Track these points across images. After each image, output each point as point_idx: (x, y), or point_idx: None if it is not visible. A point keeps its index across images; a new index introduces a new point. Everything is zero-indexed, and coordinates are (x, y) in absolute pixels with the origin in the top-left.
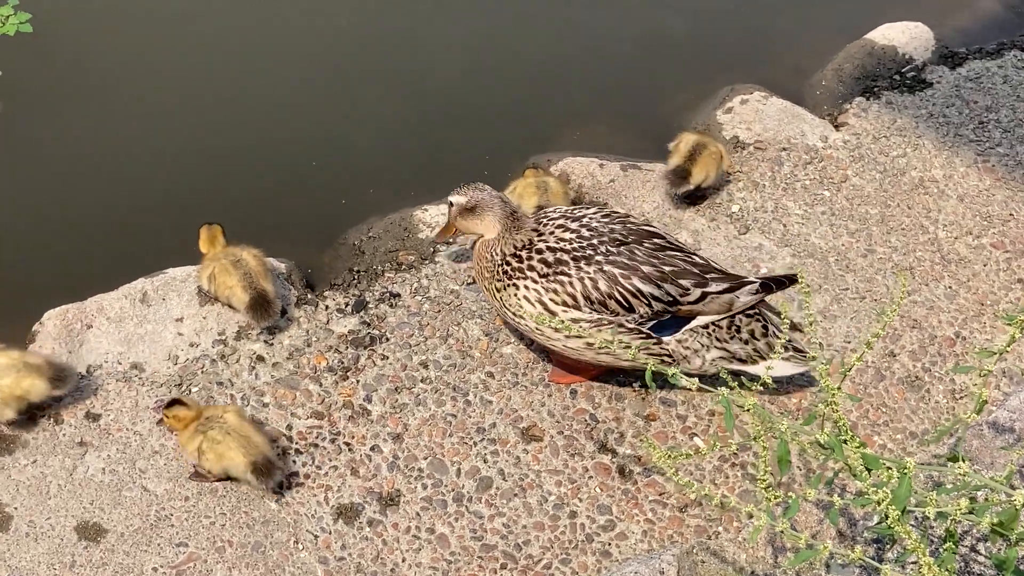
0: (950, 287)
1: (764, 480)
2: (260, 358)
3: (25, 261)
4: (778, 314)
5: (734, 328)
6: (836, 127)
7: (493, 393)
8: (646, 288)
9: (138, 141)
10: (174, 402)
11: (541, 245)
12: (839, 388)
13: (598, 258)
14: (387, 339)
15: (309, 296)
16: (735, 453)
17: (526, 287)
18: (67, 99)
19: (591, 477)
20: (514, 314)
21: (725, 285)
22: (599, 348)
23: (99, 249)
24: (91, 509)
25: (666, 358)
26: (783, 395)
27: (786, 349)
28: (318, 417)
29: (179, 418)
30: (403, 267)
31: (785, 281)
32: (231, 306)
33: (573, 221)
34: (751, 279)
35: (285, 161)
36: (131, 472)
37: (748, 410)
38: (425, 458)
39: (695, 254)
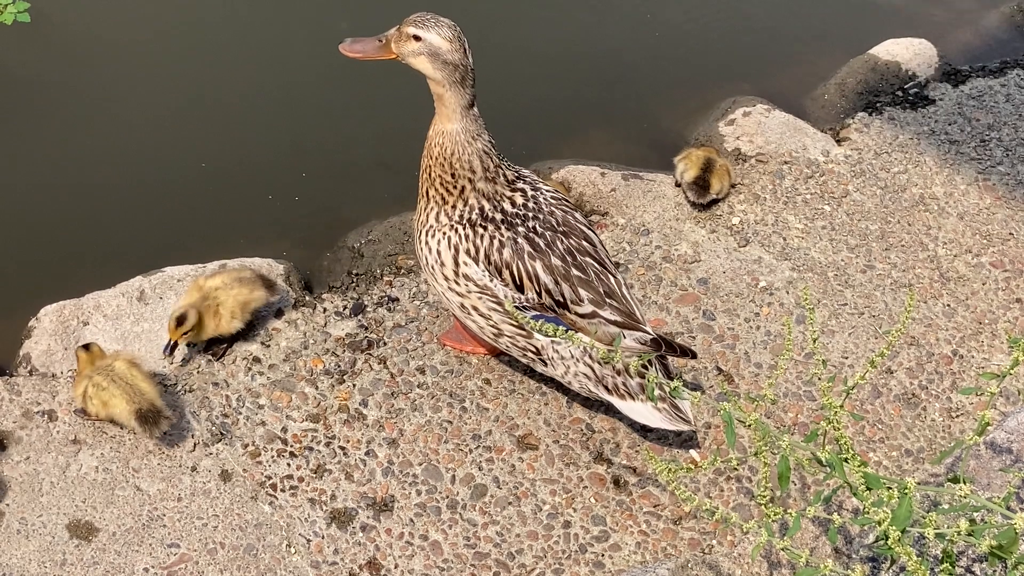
0: (948, 305)
1: (764, 496)
2: (256, 359)
3: (22, 256)
4: (672, 377)
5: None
6: (838, 142)
7: (489, 400)
8: (544, 277)
9: (136, 136)
10: (87, 346)
11: (505, 205)
12: (841, 406)
13: (520, 229)
14: (384, 343)
15: (307, 298)
16: (735, 468)
17: (455, 232)
18: (64, 91)
19: (586, 487)
20: (425, 243)
21: (618, 319)
22: (469, 311)
23: (97, 246)
24: (83, 507)
25: (531, 352)
26: (780, 410)
27: (661, 399)
28: (313, 420)
29: (79, 359)
30: (402, 271)
31: (686, 351)
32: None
33: (533, 189)
34: (647, 329)
35: (285, 161)
36: (124, 471)
37: (749, 425)
38: (420, 464)
39: (614, 276)
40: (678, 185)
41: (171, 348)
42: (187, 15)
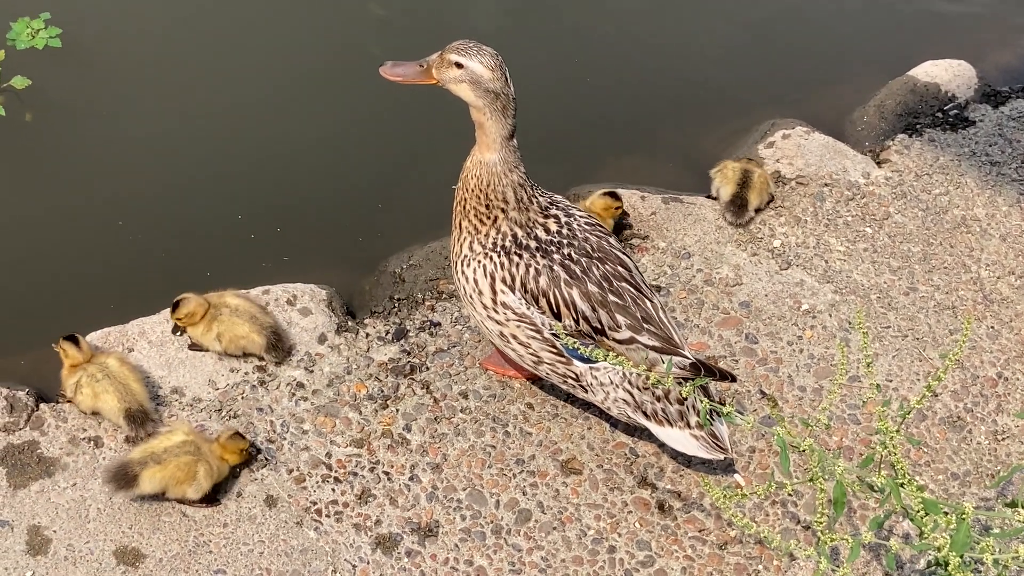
0: (992, 327)
1: (820, 522)
2: (300, 385)
3: (66, 283)
4: (721, 403)
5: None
6: (878, 164)
7: (533, 425)
8: (580, 304)
9: (177, 160)
10: (71, 337)
11: (539, 232)
12: (897, 430)
13: (556, 256)
14: (427, 368)
15: (349, 323)
16: (790, 493)
17: (490, 260)
18: (100, 116)
19: (630, 512)
20: (462, 272)
21: (656, 343)
22: (508, 339)
23: (141, 271)
24: (130, 534)
25: (570, 379)
26: (825, 434)
27: (700, 427)
28: (357, 445)
29: (67, 354)
30: (444, 296)
31: (725, 375)
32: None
33: (567, 216)
34: (686, 353)
35: (327, 187)
36: None
37: (803, 450)
38: (464, 489)
39: (651, 301)
40: (712, 198)
41: (177, 330)
42: (222, 40)
